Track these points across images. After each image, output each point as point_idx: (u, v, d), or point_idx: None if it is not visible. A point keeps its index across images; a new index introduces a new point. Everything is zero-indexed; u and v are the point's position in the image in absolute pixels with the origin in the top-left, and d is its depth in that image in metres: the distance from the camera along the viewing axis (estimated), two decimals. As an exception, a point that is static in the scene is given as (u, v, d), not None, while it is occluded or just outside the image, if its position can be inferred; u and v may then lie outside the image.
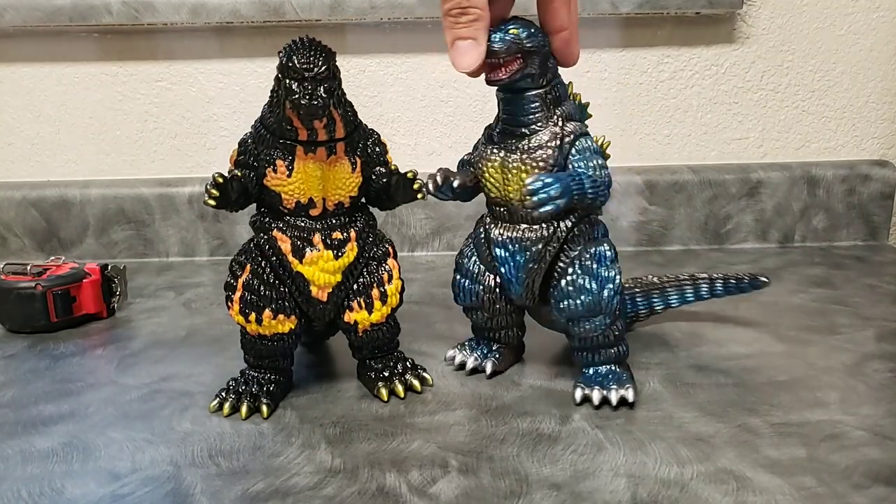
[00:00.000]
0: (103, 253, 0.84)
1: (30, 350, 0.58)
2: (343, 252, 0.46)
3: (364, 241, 0.47)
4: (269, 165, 0.45)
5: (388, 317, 0.49)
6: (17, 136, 0.86)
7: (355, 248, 0.46)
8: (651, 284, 0.57)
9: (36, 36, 0.82)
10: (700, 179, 0.83)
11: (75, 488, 0.39)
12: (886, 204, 0.84)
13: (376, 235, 0.49)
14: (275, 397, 0.47)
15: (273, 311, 0.45)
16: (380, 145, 0.48)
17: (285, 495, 0.38)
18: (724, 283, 0.57)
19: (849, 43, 0.84)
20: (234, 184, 0.44)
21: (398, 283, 0.48)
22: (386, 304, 0.48)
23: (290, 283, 0.46)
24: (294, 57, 0.41)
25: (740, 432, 0.43)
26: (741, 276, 0.57)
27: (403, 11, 0.78)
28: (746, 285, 0.57)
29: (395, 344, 0.51)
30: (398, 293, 0.49)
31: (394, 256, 0.49)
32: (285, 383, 0.49)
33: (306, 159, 0.44)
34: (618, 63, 0.83)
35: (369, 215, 0.49)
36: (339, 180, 0.45)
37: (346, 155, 0.46)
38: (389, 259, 0.48)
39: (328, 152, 0.45)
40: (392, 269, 0.48)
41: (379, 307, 0.47)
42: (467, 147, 0.52)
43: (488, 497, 0.37)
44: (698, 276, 0.57)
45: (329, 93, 0.42)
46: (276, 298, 0.46)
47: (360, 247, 0.47)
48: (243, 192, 0.45)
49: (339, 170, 0.45)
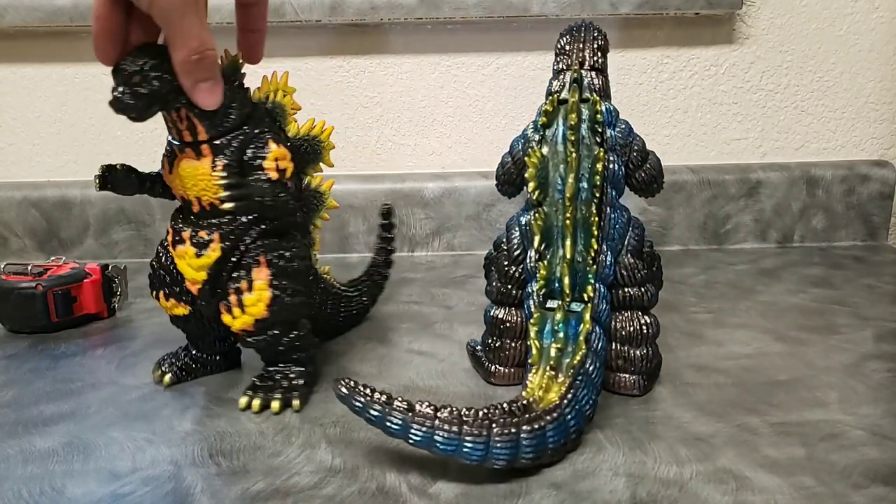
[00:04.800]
0: (104, 253, 0.85)
1: (30, 350, 0.58)
2: (205, 252, 0.46)
3: (232, 245, 0.46)
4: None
5: (262, 327, 0.47)
6: (17, 136, 0.86)
7: (218, 250, 0.46)
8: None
9: (36, 36, 0.82)
10: (699, 179, 0.83)
11: (76, 488, 0.39)
12: (886, 204, 0.84)
13: (262, 245, 0.46)
14: (186, 370, 0.51)
15: (166, 294, 0.49)
16: (261, 154, 0.46)
17: (285, 495, 0.38)
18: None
19: (849, 43, 0.84)
20: (118, 174, 0.48)
21: (262, 294, 0.46)
22: (245, 312, 0.46)
23: (175, 273, 0.49)
24: (131, 54, 0.42)
25: (739, 432, 0.43)
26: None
27: (403, 12, 0.78)
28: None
29: (291, 357, 0.49)
30: (263, 304, 0.46)
31: (268, 266, 0.46)
32: (212, 362, 0.52)
33: (180, 158, 0.46)
34: (617, 63, 0.83)
35: (259, 223, 0.46)
36: (201, 181, 0.45)
37: (213, 157, 0.45)
38: (257, 269, 0.46)
39: (196, 153, 0.45)
40: (256, 279, 0.46)
41: (239, 314, 0.46)
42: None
43: (488, 497, 0.37)
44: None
45: (139, 95, 0.42)
46: (168, 283, 0.49)
47: (225, 250, 0.46)
48: (135, 183, 0.49)
49: (201, 171, 0.45)
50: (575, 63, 0.50)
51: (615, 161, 0.48)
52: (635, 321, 0.47)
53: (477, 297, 0.68)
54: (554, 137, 0.48)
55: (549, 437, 0.39)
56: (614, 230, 0.47)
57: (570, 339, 0.44)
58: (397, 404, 0.38)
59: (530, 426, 0.38)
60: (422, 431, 0.37)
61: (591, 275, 0.46)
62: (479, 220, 0.84)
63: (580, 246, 0.47)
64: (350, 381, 0.39)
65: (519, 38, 0.83)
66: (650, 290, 0.48)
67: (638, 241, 0.48)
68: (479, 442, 0.37)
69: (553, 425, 0.39)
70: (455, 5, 0.78)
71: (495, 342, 0.50)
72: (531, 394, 0.42)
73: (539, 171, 0.48)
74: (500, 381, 0.50)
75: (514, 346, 0.49)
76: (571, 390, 0.41)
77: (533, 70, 0.84)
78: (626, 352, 0.47)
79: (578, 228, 0.47)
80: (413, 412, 0.38)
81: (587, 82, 0.50)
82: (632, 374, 0.48)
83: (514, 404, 0.40)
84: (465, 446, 0.37)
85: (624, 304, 0.48)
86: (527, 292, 0.48)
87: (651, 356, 0.48)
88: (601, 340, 0.45)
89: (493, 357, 0.50)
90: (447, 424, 0.37)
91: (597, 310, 0.45)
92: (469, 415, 0.38)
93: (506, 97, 0.84)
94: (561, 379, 0.42)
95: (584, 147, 0.48)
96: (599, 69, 0.50)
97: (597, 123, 0.48)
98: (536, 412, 0.39)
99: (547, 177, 0.48)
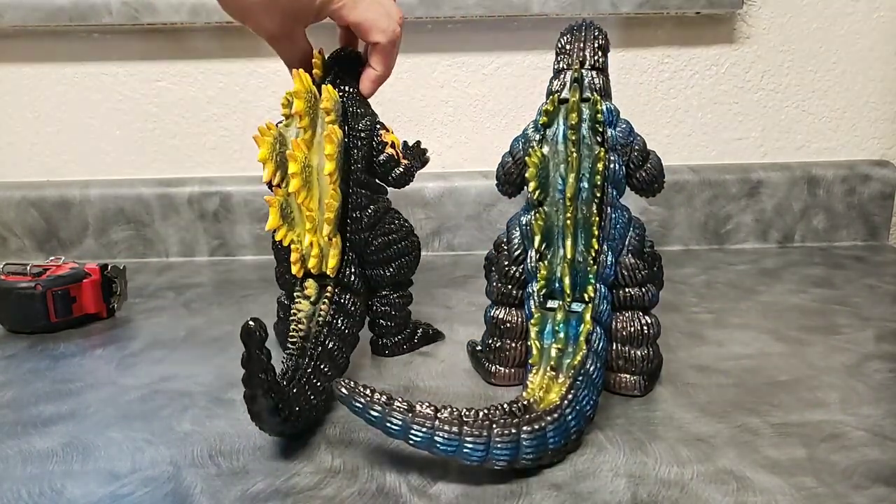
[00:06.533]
0: (103, 253, 0.84)
1: (30, 350, 0.58)
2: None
3: None
4: None
5: None
6: (17, 136, 0.86)
7: None
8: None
9: (36, 36, 0.82)
10: (700, 179, 0.83)
11: (75, 488, 0.39)
12: (886, 204, 0.84)
13: None
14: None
15: None
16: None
17: (285, 495, 0.38)
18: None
19: (849, 43, 0.84)
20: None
21: None
22: None
23: None
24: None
25: (740, 432, 0.43)
26: None
27: (403, 11, 0.78)
28: None
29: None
30: None
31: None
32: None
33: None
34: (618, 63, 0.83)
35: None
36: None
37: None
38: None
39: None
40: None
41: None
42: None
43: (488, 497, 0.37)
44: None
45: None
46: None
47: None
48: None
49: None
50: (575, 62, 0.50)
51: (616, 161, 0.48)
52: (636, 321, 0.47)
53: (477, 297, 0.68)
54: (554, 137, 0.48)
55: (550, 438, 0.39)
56: (615, 230, 0.47)
57: (570, 339, 0.44)
58: (397, 405, 0.38)
59: (531, 427, 0.38)
60: (422, 432, 0.37)
61: (591, 275, 0.46)
62: (480, 220, 0.84)
63: (581, 246, 0.47)
64: (350, 381, 0.39)
65: (519, 37, 0.83)
66: (651, 291, 0.48)
67: (639, 241, 0.48)
68: (479, 442, 0.37)
69: (553, 426, 0.39)
70: (455, 4, 0.78)
71: (496, 342, 0.50)
72: (532, 394, 0.42)
73: (539, 171, 0.47)
74: (500, 381, 0.50)
75: (514, 346, 0.49)
76: (572, 391, 0.41)
77: (533, 69, 0.84)
78: (627, 352, 0.47)
79: (579, 228, 0.47)
80: (413, 413, 0.38)
81: (588, 82, 0.50)
82: (632, 374, 0.47)
83: (514, 405, 0.40)
84: (465, 447, 0.37)
85: (625, 304, 0.48)
86: (527, 292, 0.48)
87: (652, 356, 0.48)
88: (602, 341, 0.45)
89: (493, 357, 0.50)
90: (447, 425, 0.37)
91: (597, 310, 0.45)
92: (469, 415, 0.38)
93: (506, 97, 0.84)
94: (561, 379, 0.42)
95: (585, 147, 0.48)
96: (600, 68, 0.50)
97: (597, 123, 0.48)
98: (537, 413, 0.39)
99: (547, 176, 0.48)
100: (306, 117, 0.48)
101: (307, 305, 0.47)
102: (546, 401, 0.41)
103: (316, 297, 0.48)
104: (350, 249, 0.50)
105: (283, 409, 0.39)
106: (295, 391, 0.41)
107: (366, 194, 0.51)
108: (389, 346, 0.55)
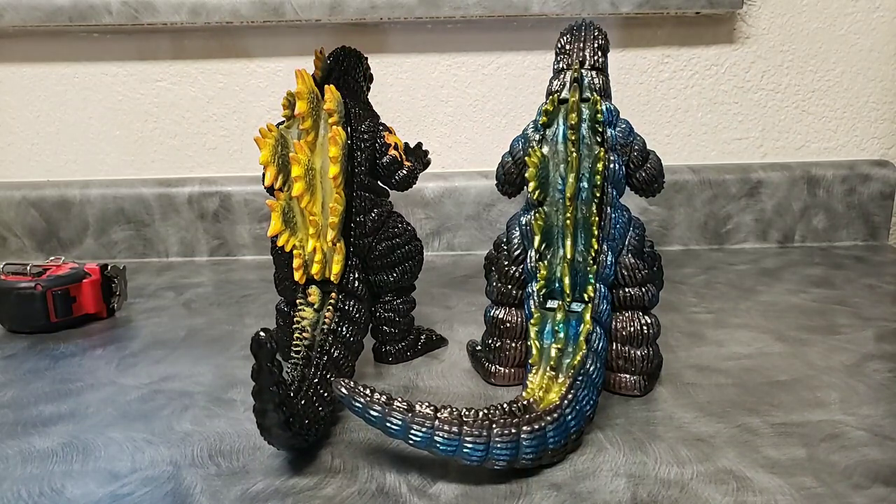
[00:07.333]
0: (103, 253, 0.84)
1: (30, 350, 0.58)
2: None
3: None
4: None
5: None
6: (17, 136, 0.86)
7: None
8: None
9: (36, 36, 0.82)
10: (700, 179, 0.83)
11: (75, 488, 0.39)
12: (886, 204, 0.84)
13: None
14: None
15: None
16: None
17: (285, 495, 0.38)
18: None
19: (849, 43, 0.84)
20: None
21: None
22: None
23: None
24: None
25: (740, 432, 0.43)
26: None
27: (403, 11, 0.78)
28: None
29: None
30: None
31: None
32: None
33: None
34: (618, 63, 0.83)
35: None
36: None
37: None
38: None
39: None
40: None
41: None
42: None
43: (488, 497, 0.37)
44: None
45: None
46: None
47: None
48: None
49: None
50: (575, 62, 0.50)
51: (616, 161, 0.48)
52: (636, 321, 0.47)
53: (477, 297, 0.68)
54: (554, 137, 0.48)
55: (550, 438, 0.39)
56: (615, 230, 0.47)
57: (570, 339, 0.44)
58: (397, 405, 0.38)
59: (530, 427, 0.38)
60: (422, 432, 0.37)
61: (591, 275, 0.46)
62: (479, 220, 0.84)
63: (581, 246, 0.47)
64: (350, 381, 0.39)
65: (519, 37, 0.83)
66: (651, 291, 0.48)
67: (639, 240, 0.48)
68: (479, 442, 0.37)
69: (553, 426, 0.39)
70: (455, 4, 0.78)
71: (495, 342, 0.50)
72: (531, 394, 0.42)
73: (539, 171, 0.47)
74: (500, 381, 0.50)
75: (514, 346, 0.49)
76: (572, 391, 0.41)
77: (533, 69, 0.84)
78: (627, 352, 0.47)
79: (579, 228, 0.47)
80: (413, 413, 0.38)
81: (587, 82, 0.50)
82: (632, 374, 0.47)
83: (514, 405, 0.40)
84: (465, 447, 0.37)
85: (624, 304, 0.48)
86: (527, 292, 0.48)
87: (652, 356, 0.48)
88: (602, 341, 0.45)
89: (493, 357, 0.50)
90: (447, 425, 0.37)
91: (597, 310, 0.45)
92: (469, 415, 0.38)
93: (506, 97, 0.84)
94: (561, 379, 0.42)
95: (585, 147, 0.48)
96: (600, 68, 0.50)
97: (597, 123, 0.48)
98: (537, 413, 0.39)
99: (547, 176, 0.48)
100: (309, 119, 0.47)
101: (311, 313, 0.46)
102: (546, 401, 0.41)
103: (320, 304, 0.47)
104: (354, 254, 0.49)
105: (293, 422, 0.38)
106: (303, 403, 0.40)
107: (369, 198, 0.51)
108: (393, 353, 0.54)
